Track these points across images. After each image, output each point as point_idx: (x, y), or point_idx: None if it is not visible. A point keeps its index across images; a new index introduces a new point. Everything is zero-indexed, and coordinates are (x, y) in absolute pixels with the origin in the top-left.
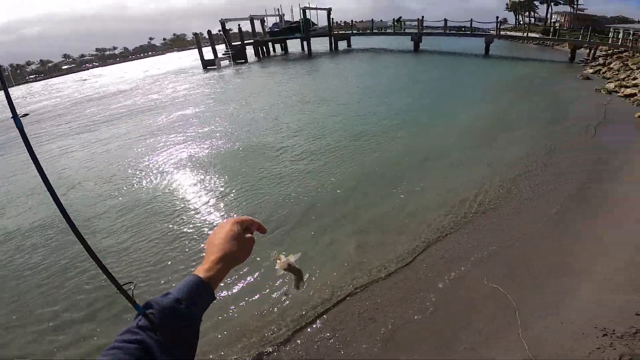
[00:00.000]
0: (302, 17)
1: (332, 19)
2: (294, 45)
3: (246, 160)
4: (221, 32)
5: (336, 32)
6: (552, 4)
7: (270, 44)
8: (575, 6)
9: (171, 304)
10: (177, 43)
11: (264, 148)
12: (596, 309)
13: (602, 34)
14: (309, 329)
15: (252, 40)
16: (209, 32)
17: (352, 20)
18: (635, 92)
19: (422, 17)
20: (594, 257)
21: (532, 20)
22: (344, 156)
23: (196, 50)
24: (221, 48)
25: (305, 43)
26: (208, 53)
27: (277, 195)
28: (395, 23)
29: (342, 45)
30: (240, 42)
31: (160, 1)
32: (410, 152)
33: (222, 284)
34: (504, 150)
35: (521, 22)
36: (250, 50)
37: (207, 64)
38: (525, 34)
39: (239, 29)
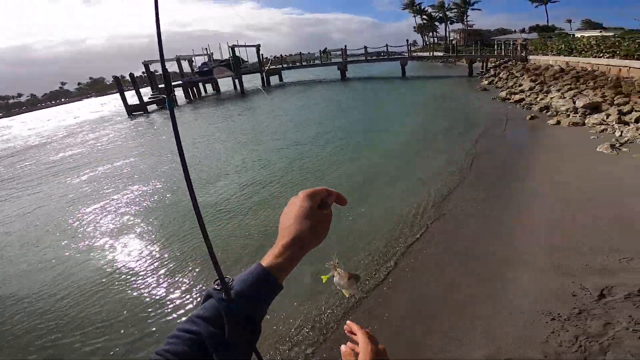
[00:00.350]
0: (231, 55)
1: (262, 54)
2: (225, 84)
3: (189, 208)
4: (145, 74)
5: (267, 68)
6: (448, 22)
7: (200, 84)
8: (466, 23)
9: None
10: (96, 87)
11: (207, 194)
12: (537, 296)
13: (489, 46)
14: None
15: (180, 82)
16: (131, 74)
17: (281, 55)
18: (523, 97)
19: (345, 46)
20: (521, 247)
21: (435, 39)
22: (288, 190)
23: (118, 94)
24: (147, 91)
25: (237, 81)
26: (132, 98)
27: (223, 238)
28: (322, 54)
29: (274, 80)
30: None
31: (73, 43)
32: (349, 176)
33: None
34: (430, 164)
35: (427, 43)
36: (179, 92)
37: (132, 110)
38: (431, 54)
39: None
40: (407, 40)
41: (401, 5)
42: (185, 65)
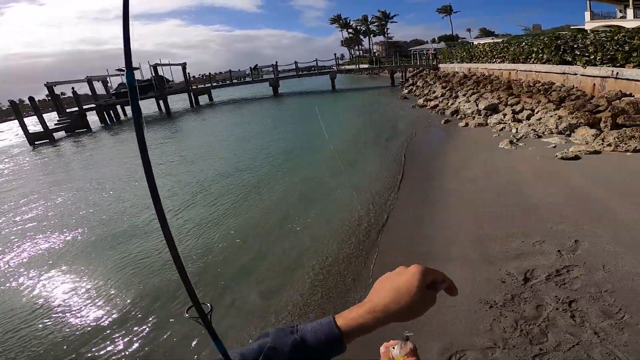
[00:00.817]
0: (153, 74)
1: (189, 73)
2: (148, 106)
3: (124, 242)
4: (49, 98)
5: (195, 87)
6: (371, 35)
7: (118, 107)
8: (386, 35)
9: (289, 346)
10: None
11: (137, 226)
12: (471, 286)
13: (407, 57)
14: None
15: (93, 105)
16: (31, 98)
17: (209, 73)
18: (437, 103)
19: (276, 62)
20: (449, 241)
21: (360, 52)
22: (227, 211)
23: (16, 121)
24: (52, 117)
25: (161, 102)
26: (36, 125)
27: (159, 270)
28: (253, 71)
29: (203, 100)
30: (78, 108)
31: None
32: (289, 191)
33: None
34: (364, 173)
35: (353, 56)
36: (93, 117)
37: (34, 139)
38: (357, 66)
39: (74, 92)
40: (335, 54)
41: (329, 20)
42: (99, 86)
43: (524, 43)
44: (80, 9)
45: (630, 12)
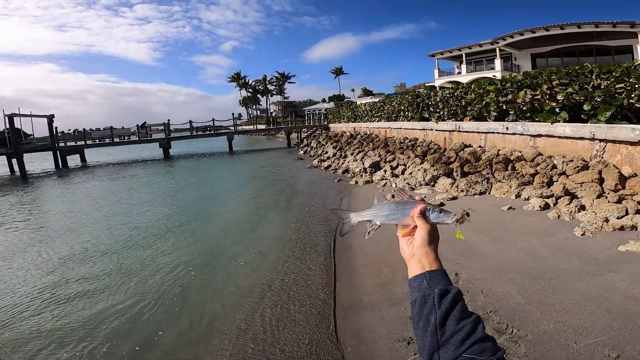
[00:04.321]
0: (6, 126)
1: (56, 127)
2: None
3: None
4: None
5: (64, 145)
6: (269, 95)
7: None
8: (283, 95)
9: None
10: None
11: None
12: (386, 327)
13: (302, 117)
14: None
15: None
16: None
17: (84, 129)
18: (330, 163)
19: (169, 120)
20: (363, 291)
21: (258, 112)
22: (121, 291)
23: None
24: None
25: (14, 161)
26: None
27: None
28: (141, 129)
29: (74, 160)
30: None
31: None
32: (186, 263)
33: None
34: (264, 237)
35: (251, 115)
36: None
37: None
38: (255, 127)
39: None
40: (233, 114)
41: (228, 78)
42: None
43: (394, 102)
44: None
45: (464, 67)
